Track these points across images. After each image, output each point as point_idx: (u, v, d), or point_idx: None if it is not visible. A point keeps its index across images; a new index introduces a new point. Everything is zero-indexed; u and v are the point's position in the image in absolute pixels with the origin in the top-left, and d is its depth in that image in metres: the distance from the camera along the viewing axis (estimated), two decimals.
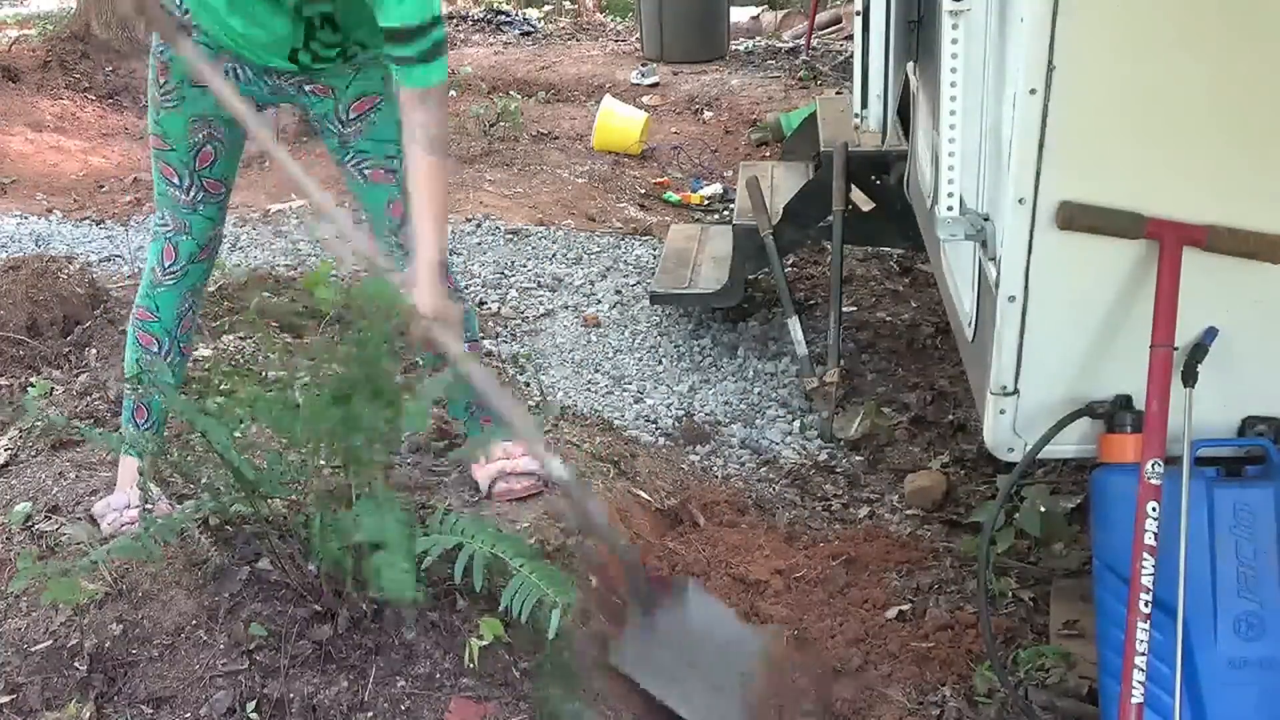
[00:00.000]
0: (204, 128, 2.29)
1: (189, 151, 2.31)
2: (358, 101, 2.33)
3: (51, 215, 5.08)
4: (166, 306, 2.42)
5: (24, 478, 2.61)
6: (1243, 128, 1.79)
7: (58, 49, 7.24)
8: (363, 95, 2.33)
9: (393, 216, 2.39)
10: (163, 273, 2.41)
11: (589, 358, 3.83)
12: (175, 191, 2.35)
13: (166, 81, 2.26)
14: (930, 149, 2.74)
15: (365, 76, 2.31)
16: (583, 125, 6.69)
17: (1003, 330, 1.94)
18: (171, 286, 2.41)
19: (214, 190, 2.37)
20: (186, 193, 2.35)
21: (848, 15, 8.29)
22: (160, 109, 2.30)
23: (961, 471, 3.14)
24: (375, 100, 2.33)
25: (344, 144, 2.36)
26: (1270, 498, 1.93)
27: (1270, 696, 1.89)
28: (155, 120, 2.32)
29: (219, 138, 2.31)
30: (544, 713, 1.98)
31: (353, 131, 2.35)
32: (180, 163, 2.32)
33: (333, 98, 2.32)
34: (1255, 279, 1.88)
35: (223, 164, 2.36)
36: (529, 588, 1.82)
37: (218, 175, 2.36)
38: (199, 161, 2.32)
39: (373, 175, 2.38)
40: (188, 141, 2.30)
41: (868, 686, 2.30)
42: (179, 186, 2.34)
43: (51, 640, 2.03)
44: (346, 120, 2.34)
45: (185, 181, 2.34)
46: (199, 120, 2.28)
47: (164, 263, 2.40)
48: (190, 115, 2.27)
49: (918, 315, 4.15)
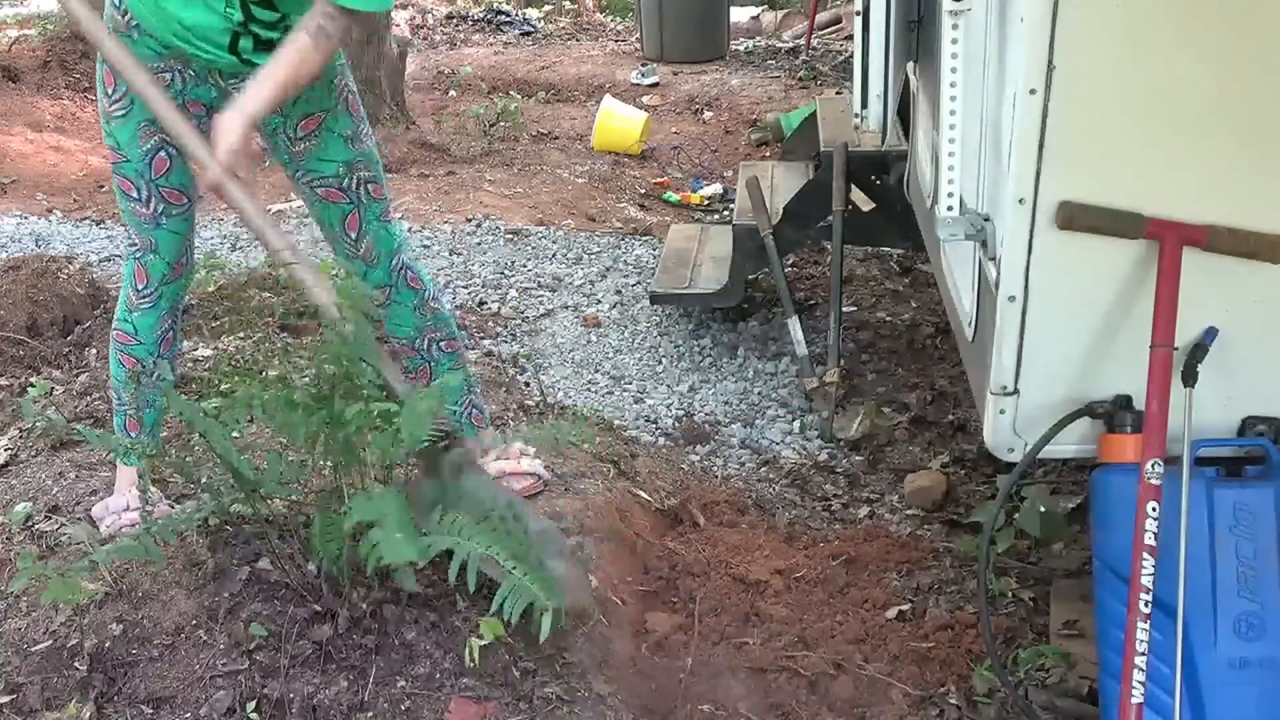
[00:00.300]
0: (155, 133, 2.21)
1: (142, 160, 2.23)
2: (305, 120, 2.27)
3: (51, 215, 5.07)
4: (146, 330, 2.37)
5: (24, 478, 2.62)
6: (1243, 128, 1.79)
7: (58, 49, 7.24)
8: (309, 114, 2.27)
9: (349, 231, 2.37)
10: (137, 296, 2.35)
11: (589, 358, 3.83)
12: (136, 205, 2.27)
13: (114, 89, 2.19)
14: (930, 149, 2.74)
15: (310, 92, 2.24)
16: (583, 125, 6.69)
17: (1003, 330, 1.94)
18: (148, 310, 2.36)
19: (175, 200, 2.29)
20: (146, 205, 2.27)
21: (848, 15, 8.29)
22: (110, 119, 2.23)
23: (961, 471, 3.14)
24: (322, 118, 2.29)
25: (294, 160, 2.32)
26: (1270, 498, 1.94)
27: (1270, 696, 1.89)
28: (107, 132, 2.25)
29: (171, 143, 2.22)
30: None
31: (302, 150, 2.30)
32: (135, 173, 2.24)
33: (280, 114, 2.25)
34: (1255, 279, 1.88)
35: (180, 171, 2.26)
36: (520, 591, 1.82)
37: (175, 184, 2.27)
38: (154, 170, 2.24)
39: (324, 194, 2.34)
40: (140, 149, 2.22)
41: (868, 686, 2.30)
42: (138, 200, 2.27)
43: (51, 640, 2.03)
44: (294, 138, 2.29)
45: (143, 193, 2.26)
46: (148, 125, 2.20)
47: (137, 285, 2.34)
48: (139, 121, 2.19)
49: (918, 315, 4.15)
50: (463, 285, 4.28)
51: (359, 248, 2.39)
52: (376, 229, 2.39)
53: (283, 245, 2.13)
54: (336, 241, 2.40)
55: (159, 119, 2.12)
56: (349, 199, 2.34)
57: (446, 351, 2.56)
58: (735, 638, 2.42)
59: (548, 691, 2.04)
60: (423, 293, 2.50)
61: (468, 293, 4.21)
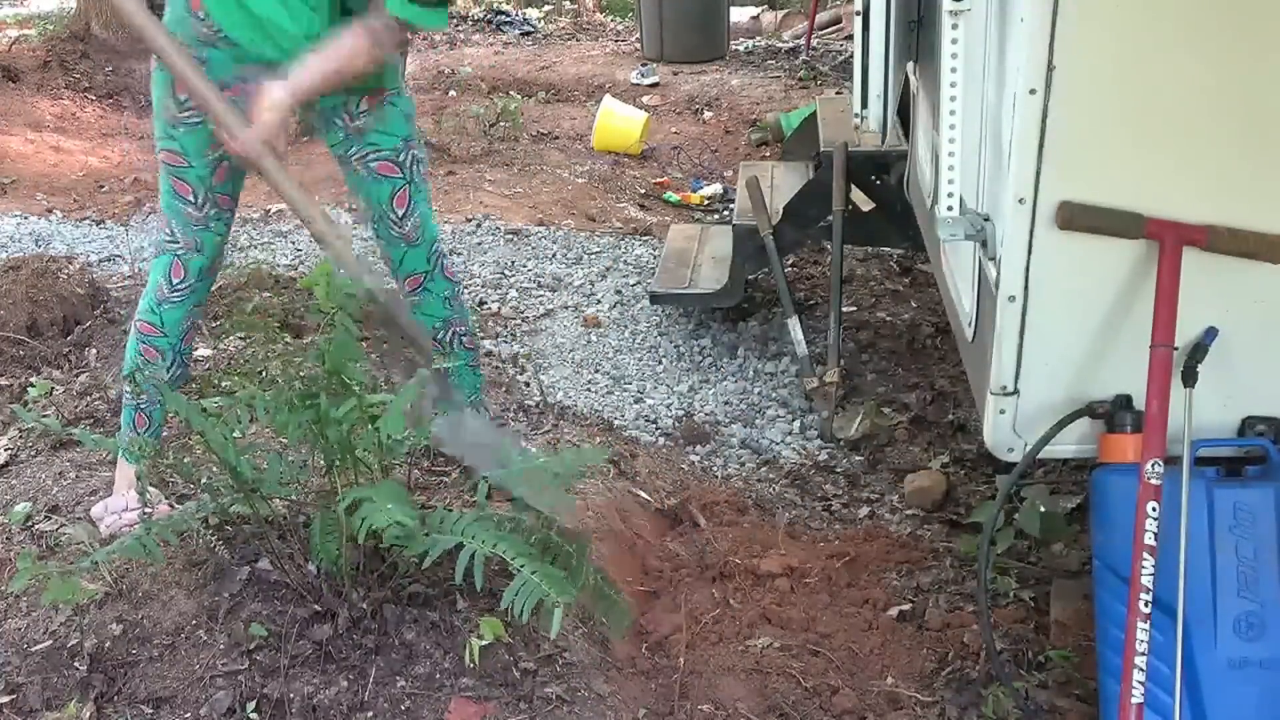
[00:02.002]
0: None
1: (207, 168, 2.28)
2: (369, 94, 2.33)
3: (51, 215, 5.07)
4: (172, 323, 2.40)
5: (24, 478, 2.62)
6: (1242, 128, 1.79)
7: (58, 49, 7.24)
8: (375, 90, 2.33)
9: (396, 208, 2.41)
10: (170, 289, 2.38)
11: (589, 358, 3.83)
12: (188, 209, 2.32)
13: (187, 98, 2.22)
14: (930, 149, 2.74)
15: (377, 75, 2.31)
16: (583, 125, 6.69)
17: (1003, 330, 1.94)
18: (179, 304, 2.39)
19: (225, 205, 2.36)
20: (200, 209, 2.32)
21: (848, 15, 8.29)
22: (179, 124, 2.26)
23: (961, 471, 3.14)
24: (385, 94, 2.34)
25: (350, 137, 2.36)
26: (1270, 498, 1.94)
27: (1270, 696, 1.89)
28: (170, 136, 2.28)
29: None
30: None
31: (362, 125, 2.35)
32: (198, 179, 2.29)
33: (344, 93, 2.31)
34: (1255, 279, 1.88)
35: (237, 179, 2.35)
36: (530, 588, 1.82)
37: (230, 190, 2.36)
38: (216, 178, 2.30)
39: (379, 168, 2.39)
40: (207, 159, 2.27)
41: (868, 687, 2.30)
42: (193, 203, 2.32)
43: (51, 640, 2.03)
44: (355, 114, 2.34)
45: (200, 198, 2.31)
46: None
47: (171, 280, 2.38)
48: (210, 131, 2.23)
49: (918, 315, 4.15)
50: (463, 285, 4.28)
51: (404, 226, 2.43)
52: (424, 210, 2.45)
53: (318, 216, 2.21)
54: (381, 220, 2.44)
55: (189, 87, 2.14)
56: (403, 174, 2.40)
57: (467, 347, 2.59)
58: (735, 638, 2.42)
59: (548, 691, 2.04)
60: (455, 285, 2.57)
61: (468, 293, 4.21)
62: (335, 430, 1.95)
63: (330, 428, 1.94)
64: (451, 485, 2.67)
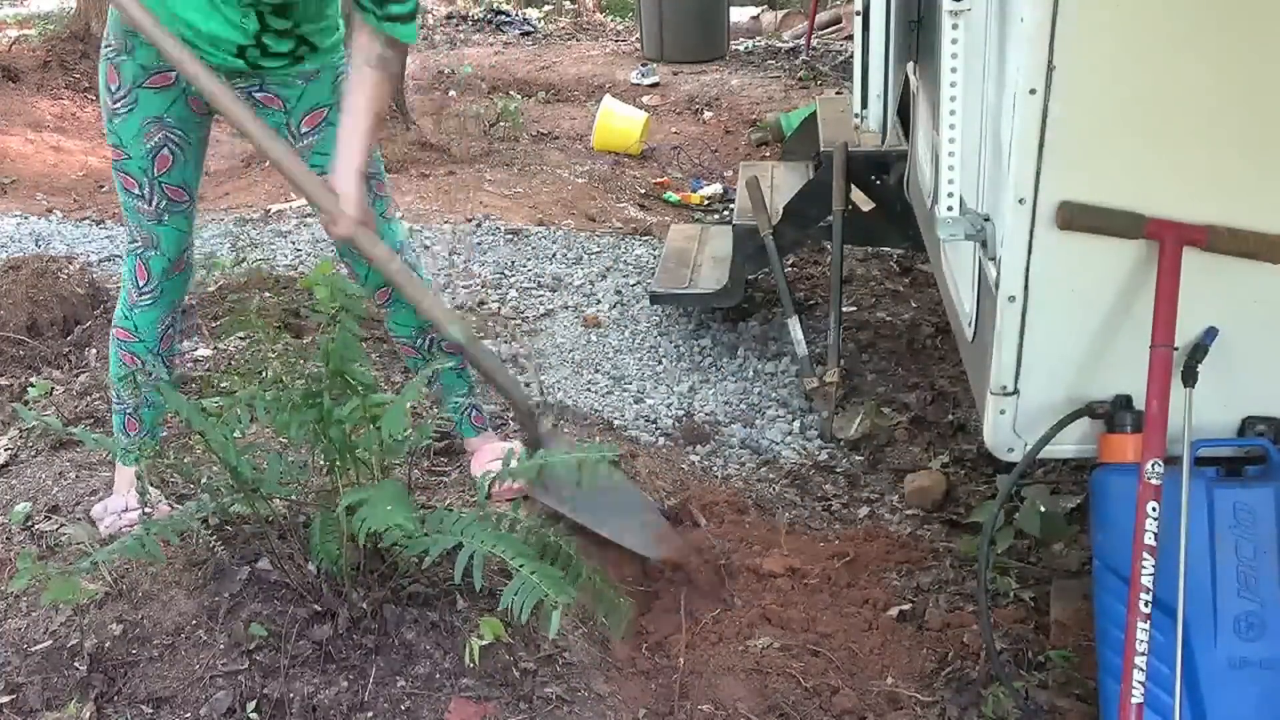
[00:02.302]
0: (158, 130, 2.24)
1: (146, 157, 2.25)
2: (309, 114, 2.31)
3: (51, 215, 5.08)
4: (146, 326, 2.39)
5: (24, 478, 2.62)
6: (1243, 128, 1.79)
7: (58, 49, 7.25)
8: (314, 108, 2.31)
9: None
10: (138, 293, 2.37)
11: (589, 358, 3.83)
12: (138, 203, 2.30)
13: (118, 86, 2.21)
14: (930, 149, 2.74)
15: (315, 88, 2.29)
16: (583, 125, 6.69)
17: (1003, 330, 1.94)
18: (149, 306, 2.38)
19: (177, 198, 2.32)
20: (149, 202, 2.29)
21: (848, 15, 8.29)
22: (114, 116, 2.24)
23: (961, 471, 3.14)
24: (325, 112, 2.32)
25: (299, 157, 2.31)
26: (1270, 498, 1.94)
27: (1270, 696, 1.89)
28: (110, 129, 2.26)
29: (175, 140, 2.26)
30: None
31: (306, 145, 2.32)
32: (139, 170, 2.26)
33: (284, 111, 2.29)
34: (1255, 279, 1.88)
35: (181, 168, 2.30)
36: (529, 588, 1.82)
37: (178, 181, 2.30)
38: (157, 167, 2.27)
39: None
40: (143, 147, 2.24)
41: (868, 687, 2.30)
42: (141, 196, 2.29)
43: (51, 640, 2.03)
44: (299, 134, 2.31)
45: (146, 189, 2.28)
46: (153, 122, 2.23)
47: (138, 282, 2.36)
48: (143, 118, 2.22)
49: (918, 315, 4.15)
50: (463, 285, 4.28)
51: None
52: (381, 225, 2.40)
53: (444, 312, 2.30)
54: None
55: (287, 176, 2.20)
56: None
57: (447, 352, 2.56)
58: (735, 638, 2.42)
59: (548, 691, 2.04)
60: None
61: (468, 293, 4.21)
62: (337, 430, 1.95)
63: (333, 427, 1.94)
64: (451, 485, 2.67)
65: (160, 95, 2.21)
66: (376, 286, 2.46)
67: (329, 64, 2.31)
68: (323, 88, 2.30)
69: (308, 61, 2.28)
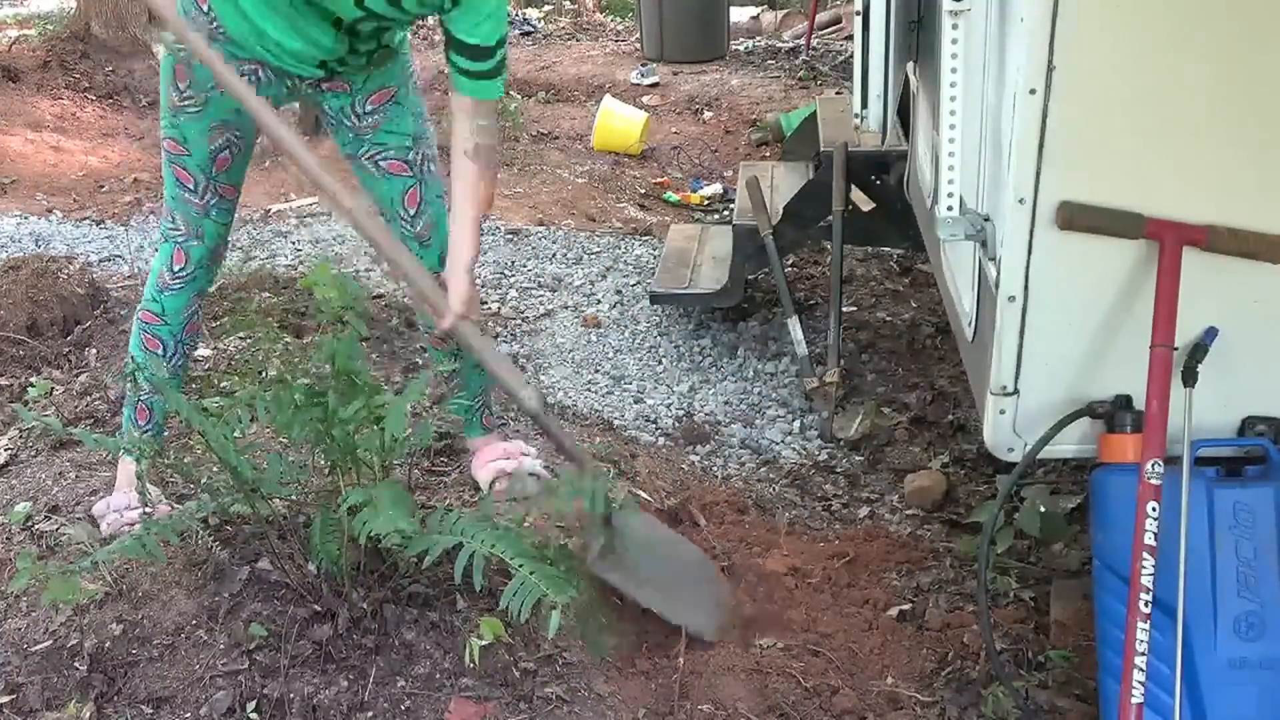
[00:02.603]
0: (224, 132, 2.27)
1: (208, 157, 2.28)
2: (375, 94, 2.33)
3: (51, 215, 5.07)
4: (174, 311, 2.40)
5: (24, 478, 2.62)
6: (1243, 127, 1.79)
7: (58, 49, 7.23)
8: (381, 88, 2.33)
9: (408, 207, 2.41)
10: (171, 277, 2.39)
11: (589, 358, 3.83)
12: (189, 196, 2.32)
13: (188, 85, 2.22)
14: (930, 149, 2.74)
15: (382, 71, 2.32)
16: (583, 125, 6.69)
17: (1003, 330, 1.94)
18: (179, 291, 2.40)
19: (228, 195, 2.36)
20: (200, 197, 2.32)
21: (848, 15, 8.29)
22: (180, 113, 2.25)
23: (961, 471, 3.14)
24: (392, 92, 2.34)
25: (359, 137, 2.36)
26: (1270, 498, 1.94)
27: (1270, 696, 1.89)
28: (173, 124, 2.28)
29: (237, 142, 2.30)
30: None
31: (369, 124, 2.34)
32: (198, 168, 2.29)
33: (349, 93, 2.32)
34: (1255, 279, 1.88)
35: (237, 168, 2.35)
36: (529, 588, 1.82)
37: (233, 180, 2.35)
38: (216, 167, 2.30)
39: (389, 167, 2.38)
40: (208, 148, 2.27)
41: (868, 687, 2.30)
42: (193, 191, 2.32)
43: (51, 640, 2.03)
44: (363, 113, 2.34)
45: (200, 186, 2.31)
46: (220, 125, 2.25)
47: (173, 267, 2.38)
48: (212, 120, 2.24)
49: (918, 315, 4.15)
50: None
51: (416, 225, 2.42)
52: (437, 207, 2.44)
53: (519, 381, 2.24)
54: (394, 220, 2.43)
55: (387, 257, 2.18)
56: (413, 173, 2.39)
57: None
58: (734, 638, 2.42)
59: (548, 691, 2.04)
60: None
61: None
62: (341, 430, 1.95)
63: (337, 427, 1.94)
64: (451, 485, 2.67)
65: (228, 98, 2.20)
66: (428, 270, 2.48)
67: (394, 53, 2.34)
68: (391, 69, 2.33)
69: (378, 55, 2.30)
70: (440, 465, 2.78)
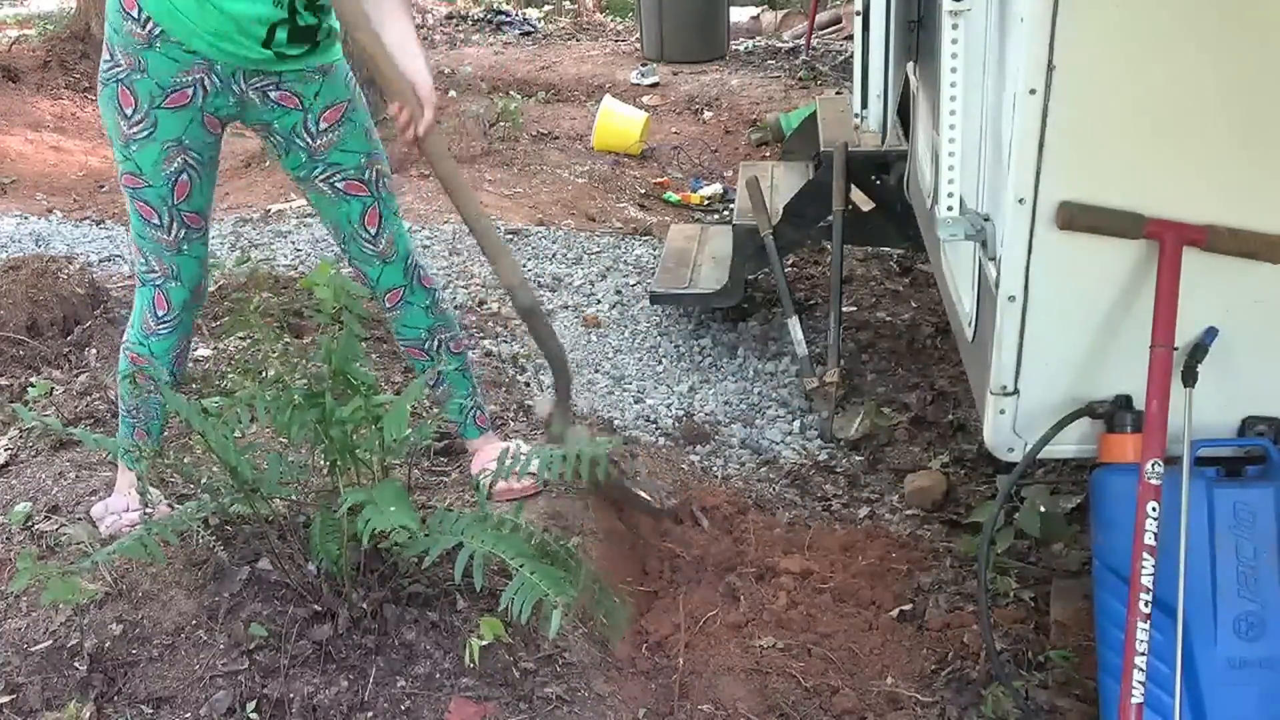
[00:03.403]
0: (178, 154, 2.17)
1: (165, 184, 2.19)
2: (328, 110, 2.27)
3: (51, 215, 5.08)
4: (163, 353, 2.35)
5: (24, 478, 2.61)
6: (1243, 127, 1.79)
7: (58, 49, 7.24)
8: (332, 104, 2.27)
9: (368, 226, 2.36)
10: (156, 323, 2.32)
11: (589, 358, 3.83)
12: (157, 233, 2.23)
13: (134, 109, 2.12)
14: (930, 149, 2.74)
15: (331, 84, 2.26)
16: (583, 125, 6.69)
17: (1003, 330, 1.94)
18: (167, 335, 2.33)
19: (194, 224, 2.27)
20: (168, 231, 2.23)
21: (848, 15, 8.29)
22: (131, 142, 2.15)
23: (961, 471, 3.14)
24: (344, 108, 2.28)
25: (313, 158, 2.29)
26: (1270, 498, 1.94)
27: (1270, 696, 1.89)
28: (125, 156, 2.18)
29: (193, 164, 2.20)
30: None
31: (323, 144, 2.28)
32: (158, 199, 2.20)
33: (300, 109, 2.24)
34: (1255, 279, 1.88)
35: (198, 194, 2.25)
36: (529, 588, 1.82)
37: (195, 208, 2.25)
38: (177, 194, 2.20)
39: (345, 187, 2.33)
40: (163, 174, 2.18)
41: (868, 687, 2.30)
42: (160, 226, 2.23)
43: (51, 640, 2.03)
44: (317, 133, 2.27)
45: (165, 219, 2.22)
46: (173, 146, 2.16)
47: (157, 313, 2.31)
48: (163, 142, 2.15)
49: (918, 315, 4.15)
50: (462, 285, 4.27)
51: (378, 243, 2.39)
52: (395, 224, 2.41)
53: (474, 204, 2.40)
54: (353, 240, 2.39)
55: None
56: (370, 191, 2.35)
57: (454, 352, 2.56)
58: (734, 638, 2.42)
59: (548, 691, 2.04)
60: (434, 292, 2.52)
61: (467, 293, 4.21)
62: (339, 430, 1.95)
63: (334, 428, 1.94)
64: (451, 485, 2.67)
65: (178, 115, 2.14)
66: (387, 289, 2.45)
67: (339, 58, 2.29)
68: (337, 83, 2.27)
69: (322, 51, 2.24)
70: (440, 465, 2.78)
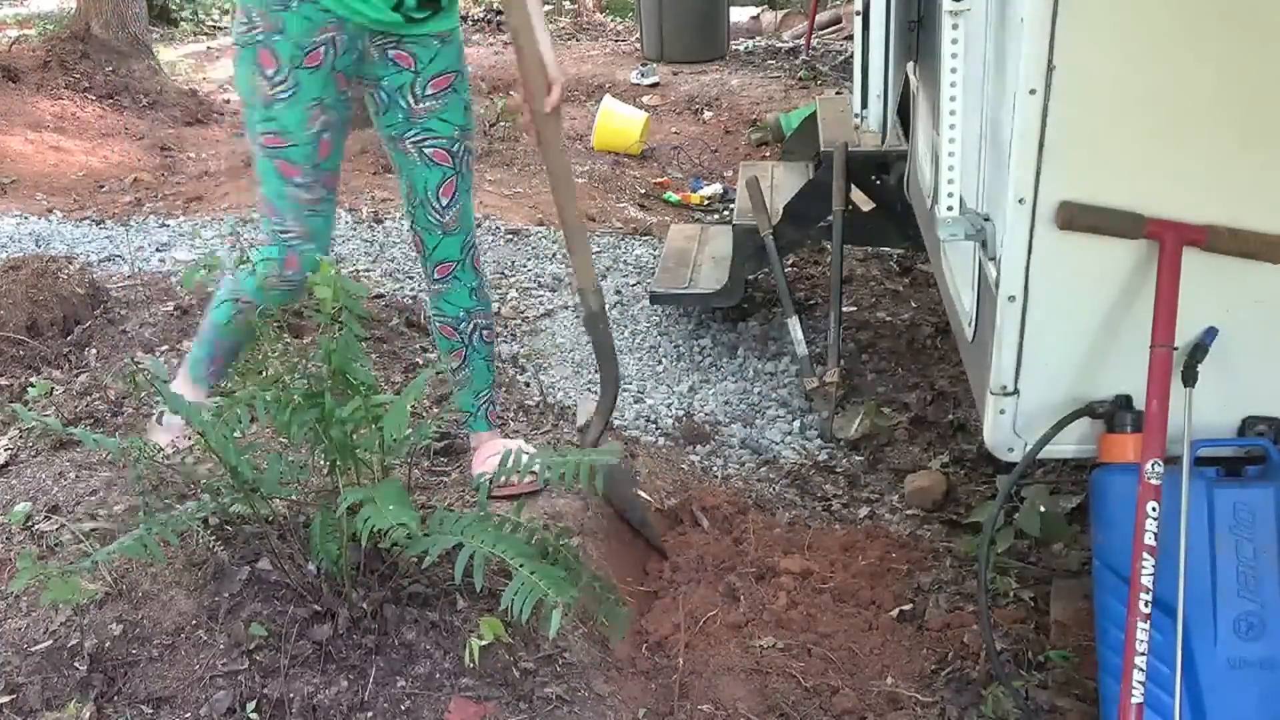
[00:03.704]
0: (320, 114, 2.21)
1: (311, 143, 2.22)
2: (438, 78, 2.32)
3: (51, 215, 5.07)
4: (275, 305, 2.31)
5: (24, 478, 2.61)
6: (1242, 127, 1.79)
7: (58, 49, 7.23)
8: (443, 72, 2.32)
9: (442, 197, 2.41)
10: (281, 280, 2.30)
11: (589, 358, 3.82)
12: (300, 191, 2.24)
13: (275, 70, 2.16)
14: (930, 149, 2.74)
15: (447, 52, 2.32)
16: (583, 125, 6.69)
17: (1003, 330, 1.94)
18: (286, 292, 2.33)
19: (330, 186, 2.30)
20: (310, 190, 2.24)
21: (848, 15, 8.29)
22: (274, 103, 2.18)
23: (961, 471, 3.14)
24: (453, 78, 2.34)
25: (411, 120, 2.33)
26: (1270, 498, 1.94)
27: (1270, 696, 1.89)
28: (267, 116, 2.20)
29: (334, 124, 2.24)
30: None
31: (425, 108, 2.33)
32: (303, 157, 2.22)
33: (413, 70, 2.29)
34: (1255, 279, 1.88)
35: (337, 154, 2.29)
36: (529, 588, 1.82)
37: (333, 167, 2.29)
38: (320, 153, 2.23)
39: (434, 155, 2.37)
40: (308, 132, 2.21)
41: (868, 687, 2.30)
42: (302, 185, 2.23)
43: (51, 640, 2.03)
44: (421, 96, 2.32)
45: (309, 177, 2.23)
46: (314, 106, 2.20)
47: (285, 272, 2.29)
48: (307, 101, 2.18)
49: (918, 315, 4.15)
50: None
51: (445, 215, 2.43)
52: (466, 202, 2.45)
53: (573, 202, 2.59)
54: (423, 206, 2.42)
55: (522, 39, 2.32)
56: (453, 164, 2.39)
57: (485, 340, 2.59)
58: (734, 638, 2.42)
59: (548, 691, 2.04)
60: (482, 278, 2.56)
61: None
62: (339, 430, 1.95)
63: (334, 427, 1.94)
64: (451, 485, 2.67)
65: (315, 75, 2.17)
66: (440, 261, 2.47)
67: (456, 26, 2.34)
68: (452, 53, 2.32)
69: (444, 17, 2.29)
70: (440, 465, 2.78)
